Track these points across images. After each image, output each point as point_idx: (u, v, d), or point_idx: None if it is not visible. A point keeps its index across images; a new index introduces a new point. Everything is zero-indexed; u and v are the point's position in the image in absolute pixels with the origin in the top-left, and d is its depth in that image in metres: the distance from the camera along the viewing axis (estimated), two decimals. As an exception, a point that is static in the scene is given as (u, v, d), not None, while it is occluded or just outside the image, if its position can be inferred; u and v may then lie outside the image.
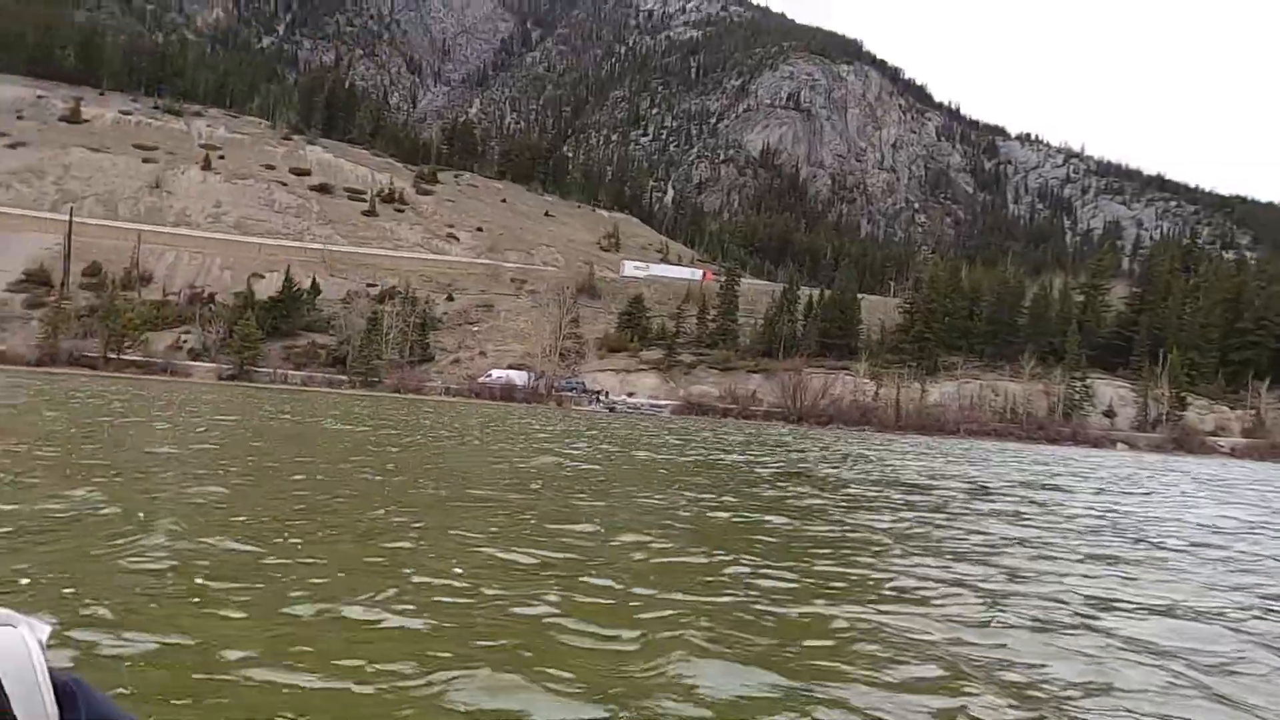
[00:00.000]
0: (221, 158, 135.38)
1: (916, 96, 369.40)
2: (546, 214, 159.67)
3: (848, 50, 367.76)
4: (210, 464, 14.26)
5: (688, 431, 47.10)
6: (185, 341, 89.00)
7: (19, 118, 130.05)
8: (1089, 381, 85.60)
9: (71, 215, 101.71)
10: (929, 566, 9.10)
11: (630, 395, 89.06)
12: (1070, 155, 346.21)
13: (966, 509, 15.96)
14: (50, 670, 1.10)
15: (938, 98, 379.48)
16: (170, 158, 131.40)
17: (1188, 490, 26.97)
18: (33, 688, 1.07)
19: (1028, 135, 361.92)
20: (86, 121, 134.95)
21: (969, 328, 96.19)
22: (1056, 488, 23.73)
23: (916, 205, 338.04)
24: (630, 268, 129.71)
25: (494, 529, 9.64)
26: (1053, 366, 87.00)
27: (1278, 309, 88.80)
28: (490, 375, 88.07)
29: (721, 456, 27.11)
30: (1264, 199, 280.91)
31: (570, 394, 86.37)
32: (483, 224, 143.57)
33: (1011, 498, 19.16)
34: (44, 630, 1.15)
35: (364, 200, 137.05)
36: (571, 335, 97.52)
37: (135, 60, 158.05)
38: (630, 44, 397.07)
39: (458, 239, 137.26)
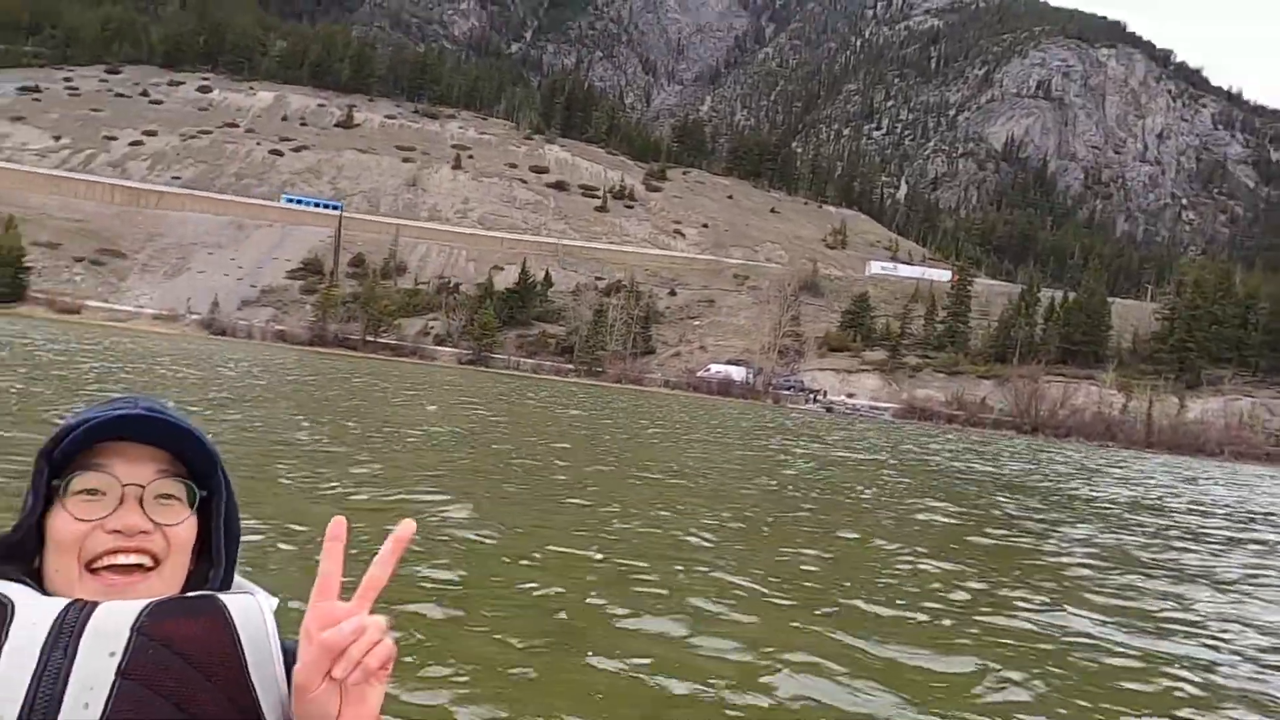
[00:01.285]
0: (470, 157, 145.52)
1: (1189, 80, 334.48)
2: (772, 210, 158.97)
3: (1109, 32, 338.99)
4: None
5: (978, 445, 45.35)
6: (432, 327, 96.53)
7: (303, 124, 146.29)
8: (1393, 404, 74.02)
9: (341, 211, 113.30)
10: None
11: (850, 396, 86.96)
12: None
13: None
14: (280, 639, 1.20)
15: (1215, 81, 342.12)
16: (426, 158, 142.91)
17: None
18: (266, 652, 1.17)
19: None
20: (357, 126, 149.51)
21: (1241, 338, 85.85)
22: None
23: (1185, 201, 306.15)
24: (876, 267, 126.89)
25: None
26: (1346, 385, 75.94)
27: None
28: (709, 369, 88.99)
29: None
30: None
31: (788, 392, 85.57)
32: (708, 220, 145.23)
33: None
34: (272, 601, 1.25)
35: (596, 197, 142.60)
36: (791, 333, 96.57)
37: (400, 69, 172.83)
38: (866, 35, 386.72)
39: (683, 235, 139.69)
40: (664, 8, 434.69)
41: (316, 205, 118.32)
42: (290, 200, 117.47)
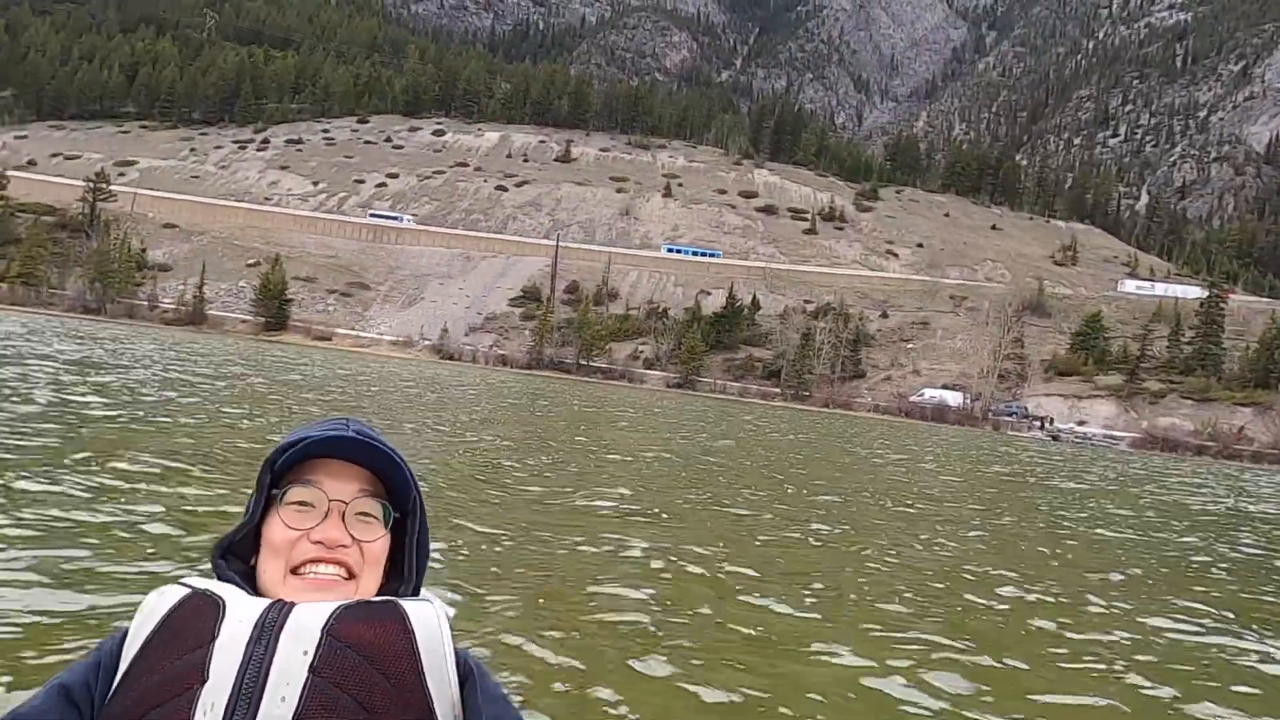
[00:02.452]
0: (680, 185, 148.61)
1: None
2: (993, 227, 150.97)
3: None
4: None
5: None
6: (641, 351, 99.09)
7: (525, 160, 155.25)
8: None
9: (558, 241, 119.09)
10: None
11: (1080, 424, 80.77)
12: None
13: None
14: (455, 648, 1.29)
15: None
16: (638, 187, 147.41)
17: None
18: (440, 659, 1.26)
19: None
20: (574, 160, 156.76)
21: None
22: None
23: None
24: (1130, 285, 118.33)
25: None
26: None
27: None
28: (923, 394, 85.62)
29: None
30: None
31: (1009, 418, 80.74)
32: (923, 239, 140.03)
33: None
34: (449, 611, 1.35)
35: (805, 219, 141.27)
36: (1013, 355, 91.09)
37: (614, 103, 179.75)
38: (1100, 37, 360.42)
39: (896, 255, 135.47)
40: (877, 24, 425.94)
41: (695, 254, 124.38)
42: (671, 250, 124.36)
